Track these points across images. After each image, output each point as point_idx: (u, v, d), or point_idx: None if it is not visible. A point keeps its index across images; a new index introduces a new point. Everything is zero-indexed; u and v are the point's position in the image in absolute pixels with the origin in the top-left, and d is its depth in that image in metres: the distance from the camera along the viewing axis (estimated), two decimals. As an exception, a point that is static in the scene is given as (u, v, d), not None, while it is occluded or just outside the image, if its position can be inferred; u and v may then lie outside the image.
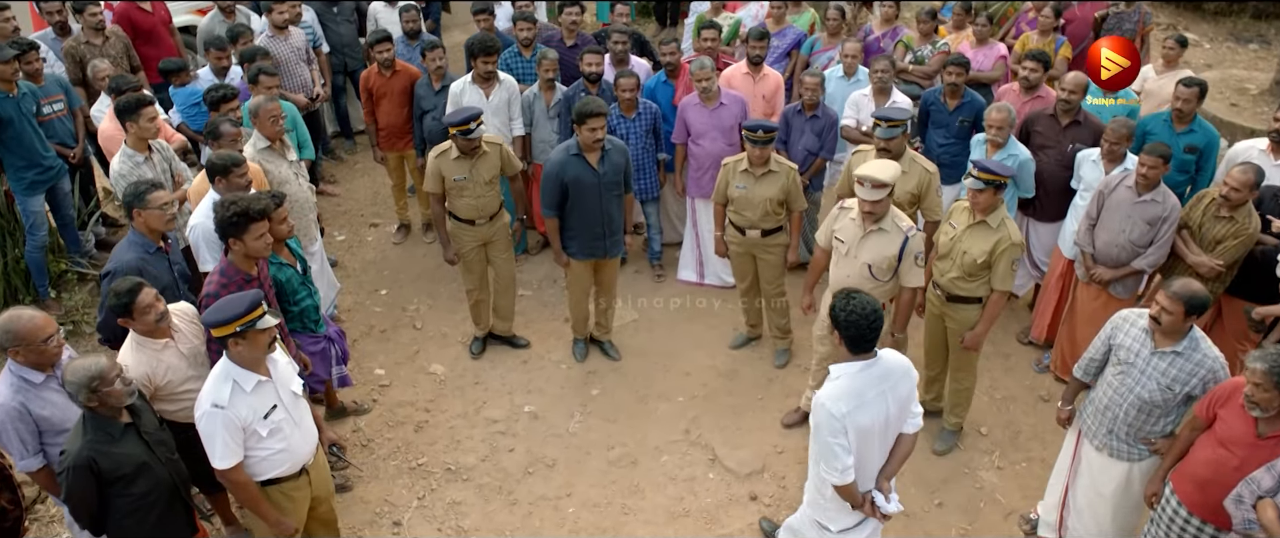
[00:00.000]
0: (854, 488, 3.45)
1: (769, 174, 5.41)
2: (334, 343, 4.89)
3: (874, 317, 3.28)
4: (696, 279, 6.87)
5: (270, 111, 5.25)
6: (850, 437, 3.32)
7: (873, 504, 3.55)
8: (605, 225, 5.50)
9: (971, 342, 4.87)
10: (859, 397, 3.32)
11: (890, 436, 3.54)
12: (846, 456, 3.33)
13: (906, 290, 4.72)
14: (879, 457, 3.55)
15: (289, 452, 3.71)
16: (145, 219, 4.25)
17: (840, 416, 3.27)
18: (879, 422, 3.40)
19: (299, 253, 4.62)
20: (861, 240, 4.63)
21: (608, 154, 5.35)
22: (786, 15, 7.92)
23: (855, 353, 3.36)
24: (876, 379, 3.37)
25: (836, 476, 3.38)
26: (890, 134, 5.07)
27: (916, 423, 3.59)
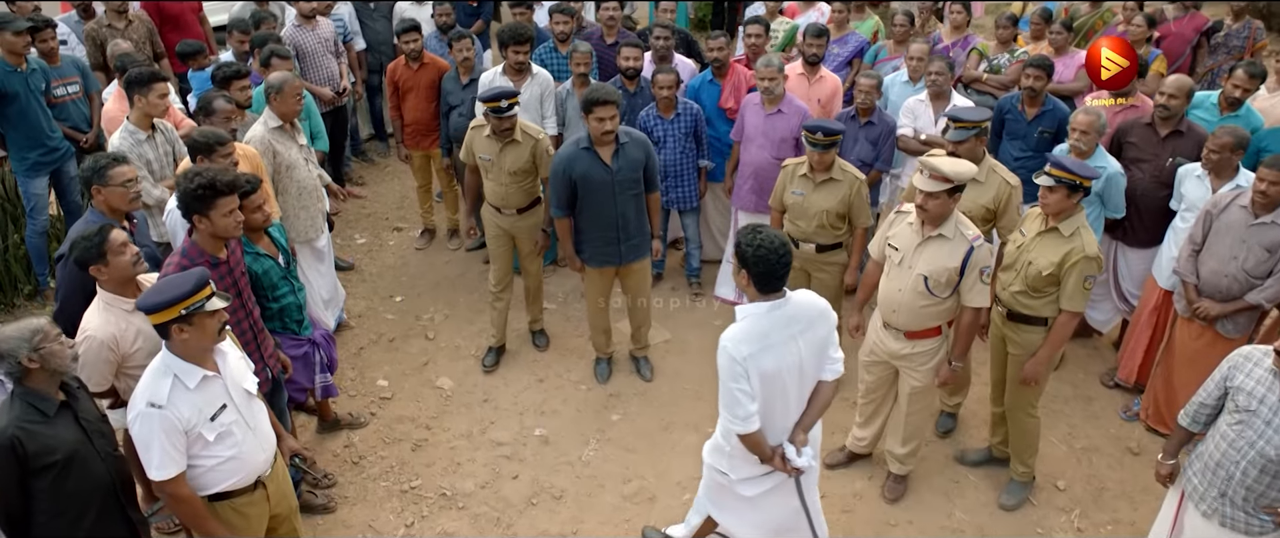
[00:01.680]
0: (760, 438, 3.20)
1: (830, 182, 4.79)
2: (319, 348, 4.39)
3: (783, 251, 3.04)
4: (734, 299, 6.25)
5: (295, 87, 4.87)
6: (754, 382, 3.09)
7: (783, 458, 3.27)
8: (620, 228, 4.94)
9: (1030, 371, 4.16)
10: (764, 339, 3.09)
11: (805, 383, 3.29)
12: (749, 402, 3.10)
13: (968, 311, 4.04)
14: (794, 406, 3.30)
15: (241, 461, 3.19)
16: (106, 197, 3.83)
17: (741, 358, 3.04)
18: (789, 367, 3.17)
19: (282, 244, 4.15)
20: (918, 248, 3.99)
21: (623, 148, 4.79)
22: (849, 21, 7.33)
23: (763, 292, 3.12)
24: (785, 321, 3.13)
25: (739, 423, 3.14)
26: (962, 136, 4.42)
27: (836, 370, 3.35)
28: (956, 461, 4.82)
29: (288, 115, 4.97)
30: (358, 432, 5.05)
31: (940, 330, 4.15)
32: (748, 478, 3.41)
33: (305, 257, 5.26)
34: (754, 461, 3.32)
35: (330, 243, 5.60)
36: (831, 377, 3.35)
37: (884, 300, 4.20)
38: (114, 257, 3.41)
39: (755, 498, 3.46)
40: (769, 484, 3.41)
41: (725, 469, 3.45)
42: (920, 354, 4.17)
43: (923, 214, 3.92)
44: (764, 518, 3.52)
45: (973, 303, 4.00)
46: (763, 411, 3.17)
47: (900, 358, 4.24)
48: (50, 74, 5.77)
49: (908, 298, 4.04)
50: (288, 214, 5.04)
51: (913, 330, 4.13)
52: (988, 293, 4.01)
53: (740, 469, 3.40)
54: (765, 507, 3.49)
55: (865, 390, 4.55)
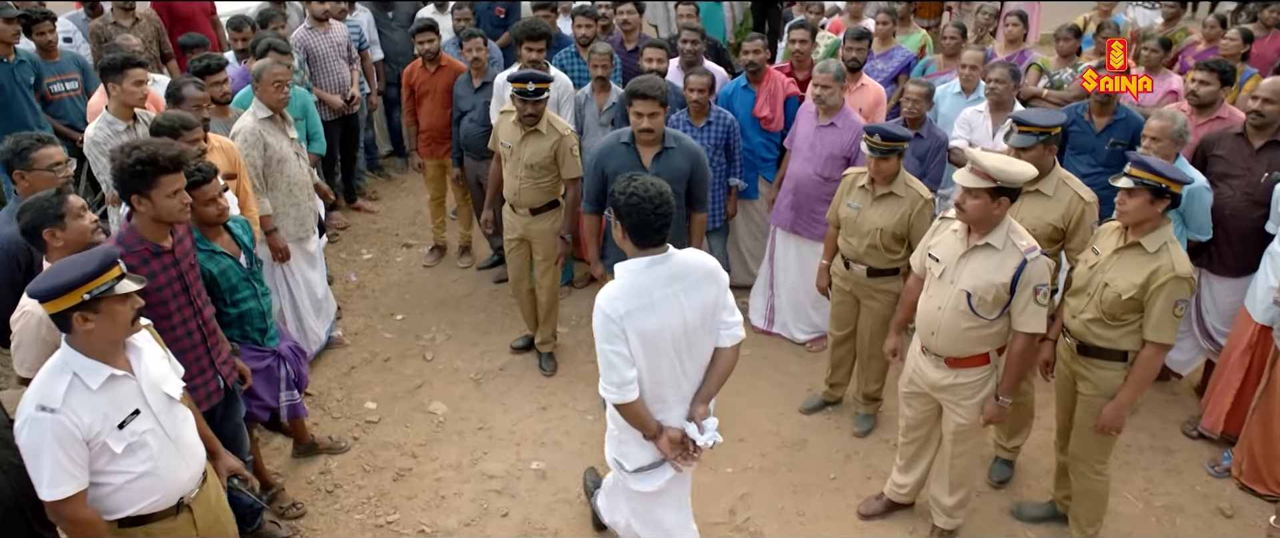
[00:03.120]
0: (640, 409, 2.93)
1: (890, 197, 4.19)
2: (284, 362, 3.91)
3: (660, 200, 2.80)
4: (764, 327, 5.67)
5: (274, 75, 4.51)
6: (632, 344, 2.83)
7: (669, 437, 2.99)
8: None
9: (1108, 419, 3.50)
10: (644, 295, 2.83)
11: (696, 349, 3.01)
12: (626, 367, 2.84)
13: (1020, 337, 3.42)
14: (686, 378, 3.02)
15: (157, 478, 2.70)
16: (31, 182, 3.43)
17: (617, 316, 2.79)
18: (673, 328, 2.88)
19: (245, 243, 3.71)
20: (962, 259, 3.41)
21: (668, 154, 4.30)
22: (895, 34, 6.80)
23: (639, 246, 2.88)
24: (667, 278, 2.88)
25: (615, 391, 2.88)
26: (1027, 142, 3.81)
27: (734, 334, 3.09)
28: (1013, 516, 4.15)
29: (274, 105, 4.61)
30: (337, 457, 4.55)
31: (987, 359, 3.54)
32: (644, 469, 3.12)
33: (296, 259, 4.86)
34: (645, 443, 3.04)
35: (321, 248, 5.18)
36: (730, 342, 3.08)
37: (922, 320, 3.61)
38: (72, 220, 3.09)
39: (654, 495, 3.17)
40: (665, 476, 3.12)
41: (623, 460, 3.16)
42: (964, 386, 3.57)
43: (961, 216, 3.35)
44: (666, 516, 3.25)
45: (1026, 327, 3.39)
46: (650, 379, 2.92)
47: (941, 390, 3.63)
48: (43, 68, 5.49)
49: (948, 317, 3.46)
50: (277, 210, 4.64)
51: (954, 357, 3.53)
52: (1044, 317, 3.38)
53: (634, 457, 3.12)
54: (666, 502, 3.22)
55: (906, 428, 3.93)
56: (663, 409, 3.01)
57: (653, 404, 2.99)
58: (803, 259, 5.32)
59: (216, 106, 4.63)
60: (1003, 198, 3.27)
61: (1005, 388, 3.54)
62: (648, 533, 3.33)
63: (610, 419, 3.18)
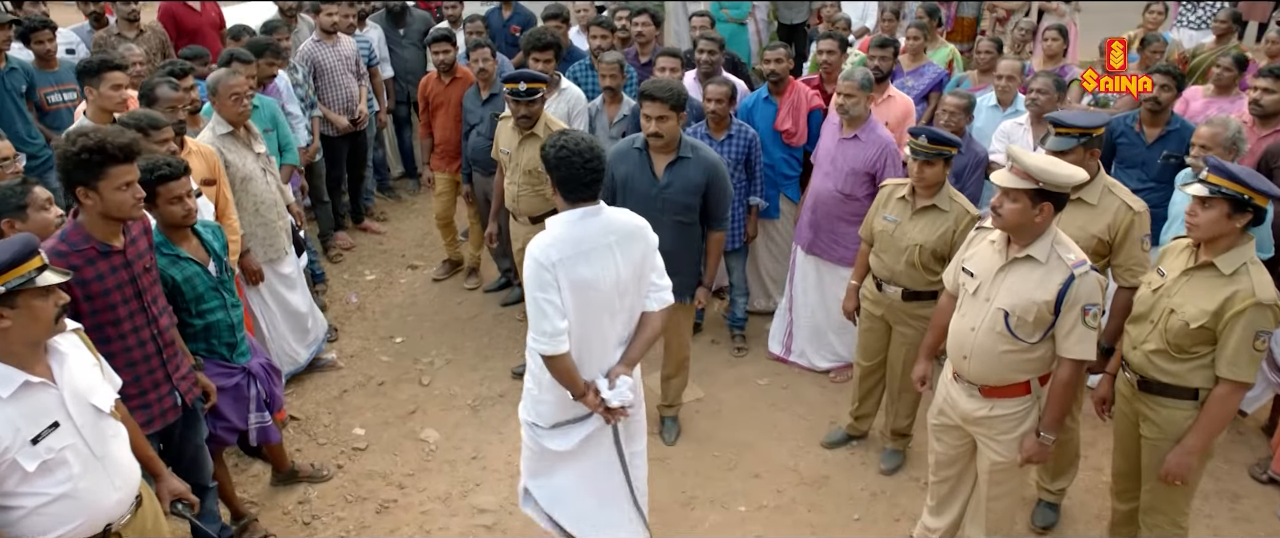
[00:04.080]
0: (569, 364, 2.86)
1: (932, 211, 3.78)
2: (255, 380, 3.60)
3: (590, 154, 2.78)
4: (779, 354, 5.28)
5: (232, 87, 4.24)
6: (566, 294, 2.79)
7: (597, 392, 2.93)
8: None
9: (1173, 467, 3.06)
10: (578, 244, 2.81)
11: (624, 308, 2.98)
12: (558, 317, 2.79)
13: (1066, 364, 3.02)
14: (614, 338, 2.98)
15: (77, 502, 2.39)
16: None
17: (551, 264, 2.76)
18: (607, 280, 2.86)
19: (215, 250, 3.43)
20: (1000, 273, 3.03)
21: (681, 163, 3.97)
22: (926, 50, 6.47)
23: (570, 200, 2.86)
24: (601, 229, 2.86)
25: (545, 342, 2.80)
26: (1065, 145, 3.43)
27: (661, 298, 3.08)
28: (1060, 566, 3.71)
29: (233, 119, 4.34)
30: (318, 486, 4.23)
31: (1028, 388, 3.13)
32: (559, 425, 3.04)
33: (269, 282, 4.57)
34: (565, 401, 2.97)
35: (300, 269, 4.90)
36: (657, 306, 3.06)
37: (954, 342, 3.22)
38: (36, 211, 2.97)
39: (570, 455, 3.08)
40: (582, 433, 3.04)
41: (538, 420, 3.07)
42: (1000, 419, 3.16)
43: (998, 222, 2.97)
44: (578, 476, 3.14)
45: (1072, 353, 2.98)
46: (580, 335, 2.86)
47: (975, 422, 3.23)
48: (38, 78, 5.32)
49: (983, 340, 3.07)
50: (244, 231, 4.37)
51: (990, 385, 3.14)
52: (1093, 341, 2.98)
53: (549, 414, 3.03)
54: (581, 465, 3.12)
55: (936, 465, 3.52)
56: (587, 369, 2.94)
57: (579, 363, 2.91)
58: (823, 282, 4.94)
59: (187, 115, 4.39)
60: (1046, 203, 2.89)
61: (1048, 423, 3.12)
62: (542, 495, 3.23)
63: (529, 377, 3.09)
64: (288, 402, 4.82)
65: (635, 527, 3.32)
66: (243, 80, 4.33)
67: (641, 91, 3.93)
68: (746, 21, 9.05)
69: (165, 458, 3.31)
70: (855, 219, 4.63)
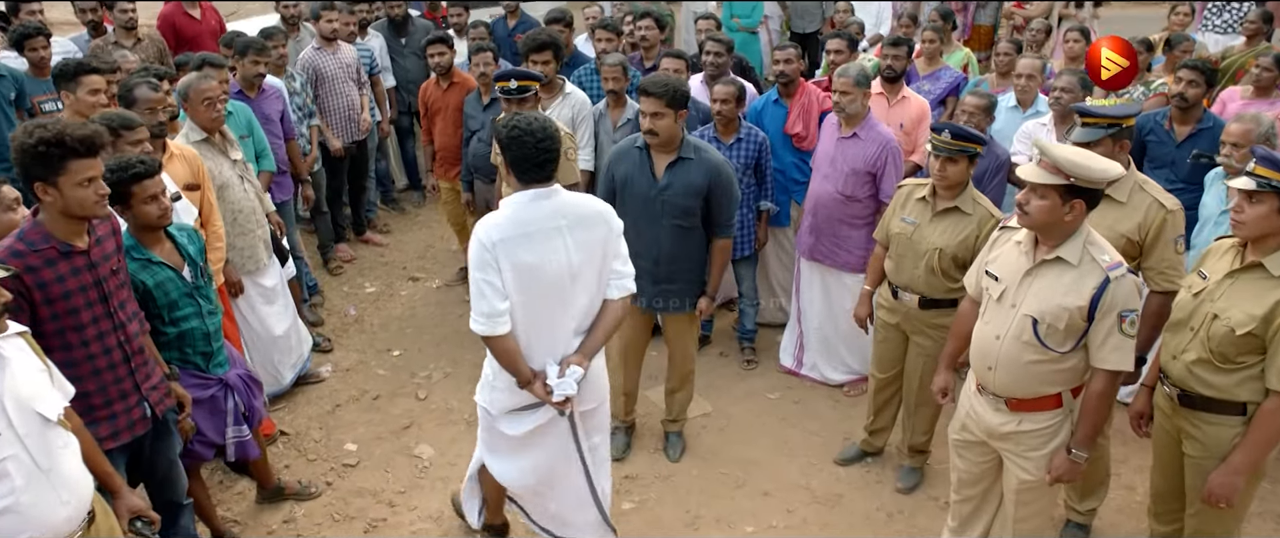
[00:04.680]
0: (510, 346, 2.82)
1: (953, 213, 3.56)
2: (233, 392, 3.41)
3: (543, 135, 2.74)
4: (791, 367, 5.05)
5: (204, 92, 4.08)
6: (507, 276, 2.75)
7: (544, 382, 2.86)
8: (653, 263, 3.89)
9: (1217, 488, 2.80)
10: (522, 226, 2.76)
11: (581, 295, 2.90)
12: (497, 299, 2.76)
13: (1100, 376, 2.79)
14: (568, 324, 2.91)
15: (21, 516, 2.22)
16: None
17: (490, 244, 2.72)
18: (556, 265, 2.80)
19: (190, 254, 3.26)
20: (1027, 277, 2.80)
21: (682, 164, 3.77)
22: (942, 53, 6.27)
23: (522, 181, 2.81)
24: (550, 212, 2.81)
25: (482, 322, 2.78)
26: (1091, 136, 3.22)
27: (623, 285, 2.99)
28: (1092, 592, 3.45)
29: (207, 125, 4.19)
30: (304, 504, 4.03)
31: (1059, 401, 2.90)
32: (510, 412, 2.98)
33: (249, 295, 4.41)
34: (515, 389, 2.89)
35: (284, 282, 4.73)
36: (618, 294, 2.98)
37: (977, 352, 2.99)
38: (2, 212, 2.91)
39: (522, 440, 3.02)
40: (535, 421, 2.97)
41: (490, 407, 3.02)
42: (1029, 434, 2.93)
43: (1024, 220, 2.75)
44: (534, 466, 3.08)
45: (1107, 364, 2.75)
46: (526, 319, 2.81)
47: (1001, 438, 3.00)
48: (29, 85, 5.20)
49: (1009, 349, 2.84)
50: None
51: (1017, 398, 2.91)
52: (1131, 351, 2.74)
53: (501, 401, 2.98)
54: (535, 454, 3.06)
55: (959, 483, 3.28)
56: (538, 357, 2.88)
57: (530, 351, 2.86)
58: (829, 290, 4.73)
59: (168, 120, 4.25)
60: (1077, 201, 2.67)
61: (1080, 439, 2.87)
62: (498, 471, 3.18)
63: (486, 362, 3.04)
64: (277, 416, 4.65)
65: (596, 521, 3.24)
66: (216, 85, 4.18)
67: (638, 88, 3.76)
68: (758, 30, 8.91)
69: (136, 473, 3.14)
70: (858, 222, 4.44)
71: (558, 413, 2.92)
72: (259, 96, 5.23)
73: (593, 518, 3.24)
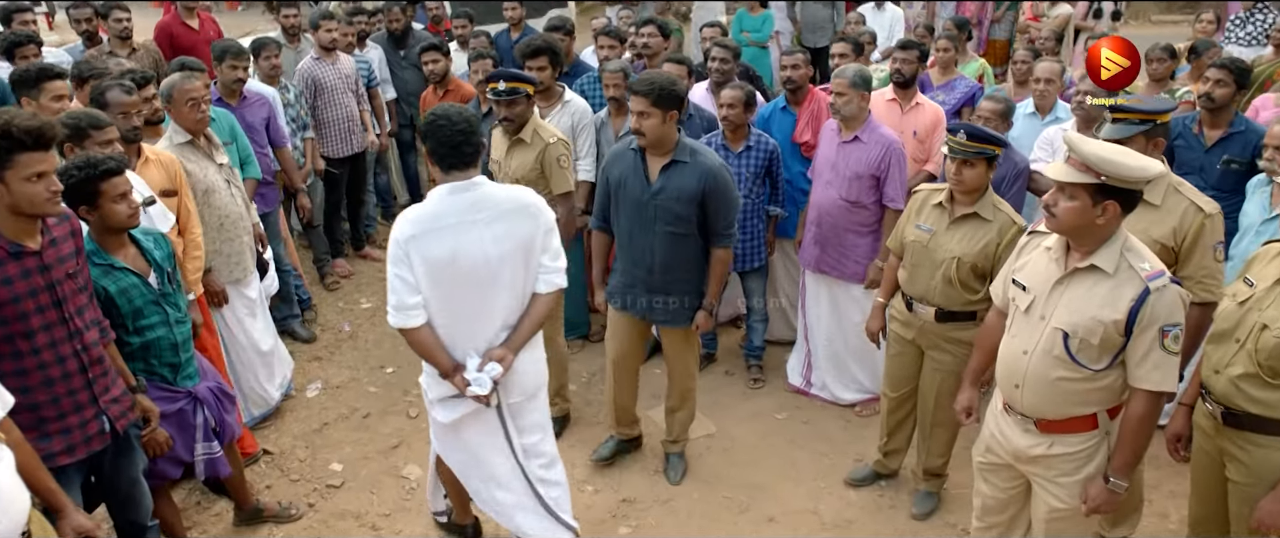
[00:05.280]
0: (426, 338, 2.85)
1: (972, 219, 3.35)
2: (203, 406, 3.22)
3: (463, 123, 2.78)
4: (800, 386, 4.81)
5: (187, 92, 3.93)
6: (417, 270, 2.77)
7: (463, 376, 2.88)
8: (647, 270, 3.70)
9: (1267, 515, 2.56)
10: (434, 220, 2.78)
11: (506, 288, 2.89)
12: (407, 293, 2.79)
13: (1140, 397, 2.54)
14: (493, 316, 2.91)
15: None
16: None
17: (402, 240, 2.76)
18: (469, 258, 2.80)
19: (156, 259, 3.08)
20: (1057, 287, 2.58)
21: (676, 167, 3.57)
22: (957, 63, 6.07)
23: (443, 170, 2.83)
24: (467, 206, 2.81)
25: (393, 315, 2.83)
26: (1123, 133, 3.00)
27: (551, 280, 2.99)
28: (1124, 628, 3.18)
29: (192, 127, 4.03)
30: (284, 527, 3.84)
31: (1094, 422, 2.66)
32: (441, 399, 2.98)
33: (234, 305, 4.23)
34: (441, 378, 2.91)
35: (264, 297, 4.55)
36: (546, 289, 2.98)
37: (1004, 368, 2.76)
38: None
39: (454, 427, 3.03)
40: (460, 411, 2.97)
41: (428, 389, 3.04)
42: (1061, 458, 2.69)
43: (1051, 222, 2.53)
44: (469, 455, 3.10)
45: (1147, 383, 2.51)
46: (444, 311, 2.83)
47: (1029, 461, 2.76)
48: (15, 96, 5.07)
49: (1037, 365, 2.61)
50: (207, 248, 4.05)
51: (1047, 419, 2.67)
52: (1175, 370, 2.50)
53: (434, 387, 2.99)
54: (468, 444, 3.07)
55: (982, 510, 3.04)
56: (462, 349, 2.87)
57: (454, 343, 2.87)
58: (836, 303, 4.51)
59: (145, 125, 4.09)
60: (1110, 202, 2.44)
61: (1119, 466, 2.62)
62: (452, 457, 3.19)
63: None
64: (262, 434, 4.47)
65: (536, 511, 3.18)
66: (200, 85, 4.03)
67: (630, 86, 3.59)
68: (768, 44, 8.76)
69: (96, 492, 2.95)
70: (864, 229, 4.23)
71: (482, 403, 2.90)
72: (242, 104, 5.10)
73: (536, 514, 3.18)
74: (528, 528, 3.18)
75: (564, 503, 3.24)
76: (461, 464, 3.17)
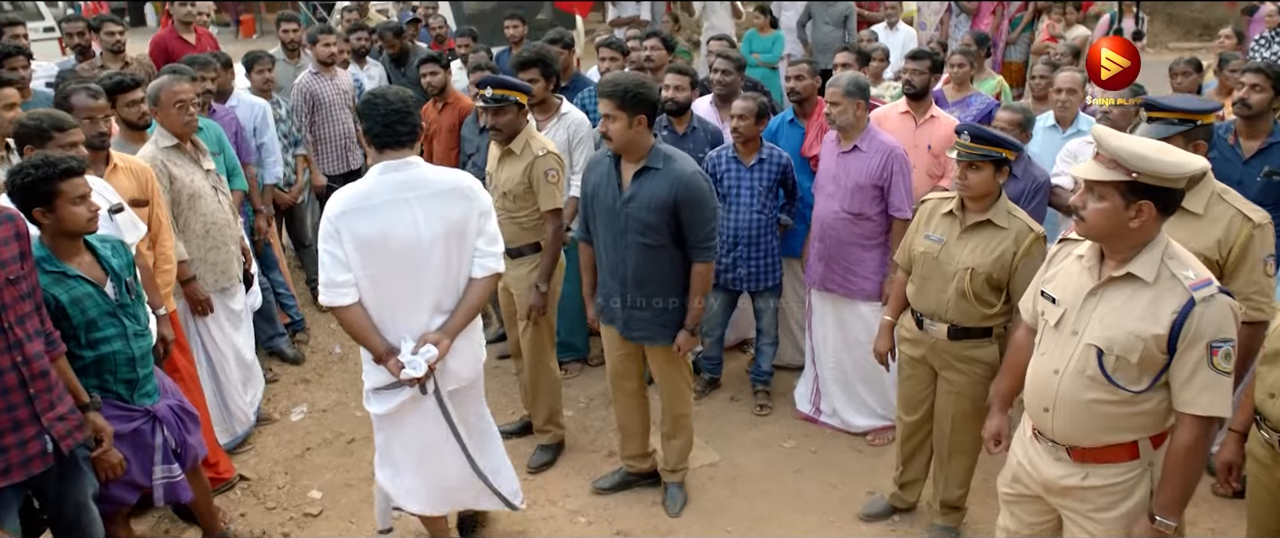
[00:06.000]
0: (358, 317, 2.82)
1: (985, 227, 3.13)
2: (163, 426, 2.99)
3: (399, 104, 2.78)
4: (808, 413, 4.55)
5: (175, 93, 3.77)
6: (347, 248, 2.75)
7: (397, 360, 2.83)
8: (623, 281, 3.49)
9: None
10: (364, 198, 2.76)
11: (439, 270, 2.87)
12: (337, 270, 2.76)
13: (1186, 423, 2.27)
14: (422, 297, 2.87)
15: None
16: None
17: (333, 216, 2.74)
18: (400, 238, 2.77)
19: (114, 267, 2.88)
20: (1091, 298, 2.33)
21: (649, 175, 3.34)
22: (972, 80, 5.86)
23: (378, 149, 2.81)
24: (398, 185, 2.78)
25: (324, 292, 2.80)
26: (1161, 134, 2.76)
27: (486, 265, 2.96)
28: None
29: (178, 130, 3.86)
30: (255, 559, 3.59)
31: (1135, 451, 2.39)
32: (376, 389, 2.97)
33: (218, 316, 4.04)
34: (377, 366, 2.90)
35: (249, 310, 4.35)
36: (482, 273, 2.97)
37: (1033, 390, 2.50)
38: None
39: (397, 420, 3.02)
40: (396, 401, 2.95)
41: (365, 377, 3.01)
42: (1097, 491, 2.42)
43: (1081, 227, 2.30)
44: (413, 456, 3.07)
45: (1195, 408, 2.24)
46: (376, 292, 2.83)
47: (1061, 493, 2.50)
48: (0, 108, 4.93)
49: (1070, 386, 2.36)
50: (193, 255, 3.88)
51: (1081, 446, 2.41)
52: (1227, 392, 2.24)
53: (373, 375, 2.96)
54: (409, 436, 3.04)
55: (1004, 544, 2.76)
56: (395, 332, 2.87)
57: (386, 326, 2.86)
58: (843, 323, 4.27)
59: (131, 130, 3.94)
60: (1144, 202, 2.20)
61: (1166, 502, 2.33)
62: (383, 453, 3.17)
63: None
64: (240, 459, 4.24)
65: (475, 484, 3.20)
66: (188, 87, 3.87)
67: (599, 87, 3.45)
68: (779, 66, 8.59)
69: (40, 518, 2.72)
70: (869, 243, 4.00)
71: (420, 391, 2.90)
72: (211, 116, 4.94)
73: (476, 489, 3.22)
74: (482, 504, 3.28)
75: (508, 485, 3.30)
76: (408, 460, 3.11)
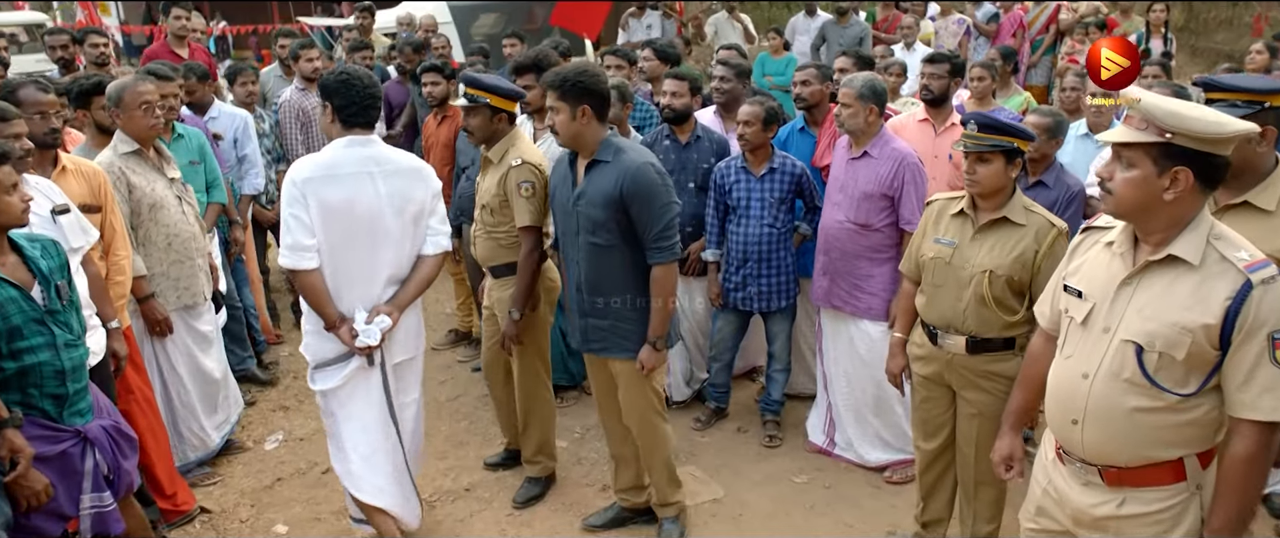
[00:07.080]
0: (318, 283, 2.92)
1: (1001, 225, 2.83)
2: (94, 448, 2.67)
3: (369, 82, 2.94)
4: (822, 445, 4.18)
5: (140, 95, 3.53)
6: (313, 213, 2.86)
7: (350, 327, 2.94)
8: (578, 285, 3.20)
9: None
10: (330, 167, 2.89)
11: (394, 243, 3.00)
12: (303, 233, 2.86)
13: (1244, 431, 1.93)
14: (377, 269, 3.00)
15: None
16: None
17: (299, 181, 2.85)
18: (362, 207, 2.91)
19: (44, 270, 2.59)
20: (1124, 287, 2.01)
21: (599, 168, 3.06)
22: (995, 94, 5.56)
23: (344, 126, 2.94)
24: (362, 159, 2.93)
25: (287, 255, 2.88)
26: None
27: (437, 243, 3.14)
28: None
29: (141, 135, 3.59)
30: (206, 600, 3.25)
31: (1181, 471, 2.03)
32: (324, 364, 3.06)
33: (180, 337, 3.76)
34: (329, 338, 3.00)
35: (218, 328, 4.07)
36: (433, 250, 3.14)
37: (1057, 400, 2.16)
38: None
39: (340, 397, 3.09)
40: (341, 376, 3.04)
41: (309, 356, 3.10)
42: (1136, 520, 2.06)
43: (1108, 202, 1.98)
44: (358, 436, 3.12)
45: (1257, 412, 1.90)
46: (334, 260, 2.94)
47: (1092, 526, 2.14)
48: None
49: (1103, 393, 2.02)
50: (153, 270, 3.60)
51: (1117, 467, 2.06)
52: None
53: (319, 351, 3.06)
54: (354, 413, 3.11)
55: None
56: (348, 302, 2.98)
57: (340, 295, 2.97)
58: (853, 345, 3.93)
59: (99, 134, 3.70)
60: (1181, 169, 1.88)
61: (1220, 526, 1.98)
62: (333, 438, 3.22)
63: (306, 317, 3.09)
64: (203, 491, 3.93)
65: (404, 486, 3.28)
66: (153, 88, 3.62)
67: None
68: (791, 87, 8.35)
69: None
70: (877, 256, 3.69)
71: (366, 362, 3.00)
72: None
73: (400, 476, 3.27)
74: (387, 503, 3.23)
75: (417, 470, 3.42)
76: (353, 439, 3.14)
